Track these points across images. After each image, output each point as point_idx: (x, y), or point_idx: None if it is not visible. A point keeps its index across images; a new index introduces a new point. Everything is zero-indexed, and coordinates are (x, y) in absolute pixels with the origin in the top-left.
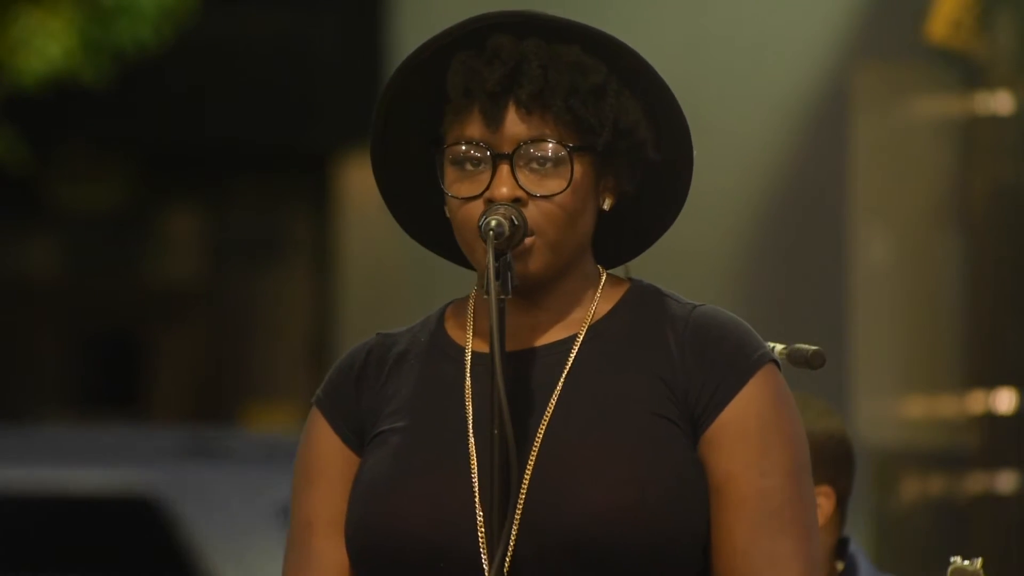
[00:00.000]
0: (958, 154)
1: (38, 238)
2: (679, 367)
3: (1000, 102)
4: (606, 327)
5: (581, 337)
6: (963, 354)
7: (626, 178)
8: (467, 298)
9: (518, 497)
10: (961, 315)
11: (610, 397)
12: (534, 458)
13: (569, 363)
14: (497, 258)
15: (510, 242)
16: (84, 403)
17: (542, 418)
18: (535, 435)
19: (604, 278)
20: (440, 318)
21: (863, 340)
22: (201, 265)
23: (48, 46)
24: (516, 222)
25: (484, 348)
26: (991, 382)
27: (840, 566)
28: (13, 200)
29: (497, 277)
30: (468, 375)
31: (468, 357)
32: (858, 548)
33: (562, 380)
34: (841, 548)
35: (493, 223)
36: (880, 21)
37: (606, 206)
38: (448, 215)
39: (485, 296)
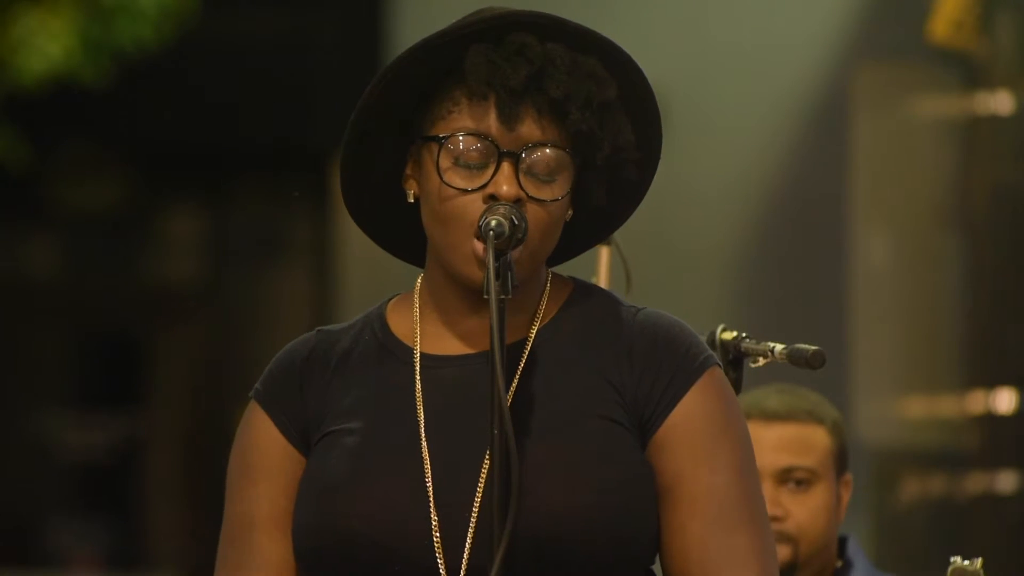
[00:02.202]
0: (958, 154)
1: (38, 238)
2: (627, 370)
3: (1000, 102)
4: (555, 329)
5: (531, 341)
6: (963, 354)
7: (600, 193)
8: (410, 294)
9: (519, 497)
10: (961, 315)
11: (561, 401)
12: (487, 464)
13: (520, 367)
14: (497, 258)
15: (509, 242)
16: (84, 403)
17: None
18: (487, 442)
19: (550, 278)
20: (383, 316)
21: (863, 340)
22: (201, 265)
23: (48, 46)
24: (516, 221)
25: (432, 349)
26: (991, 382)
27: (839, 563)
28: (13, 200)
29: (497, 277)
30: (418, 378)
31: (417, 359)
32: (857, 548)
33: (514, 384)
34: (840, 547)
35: (493, 223)
36: (880, 21)
37: (568, 215)
38: (430, 205)
39: (485, 296)
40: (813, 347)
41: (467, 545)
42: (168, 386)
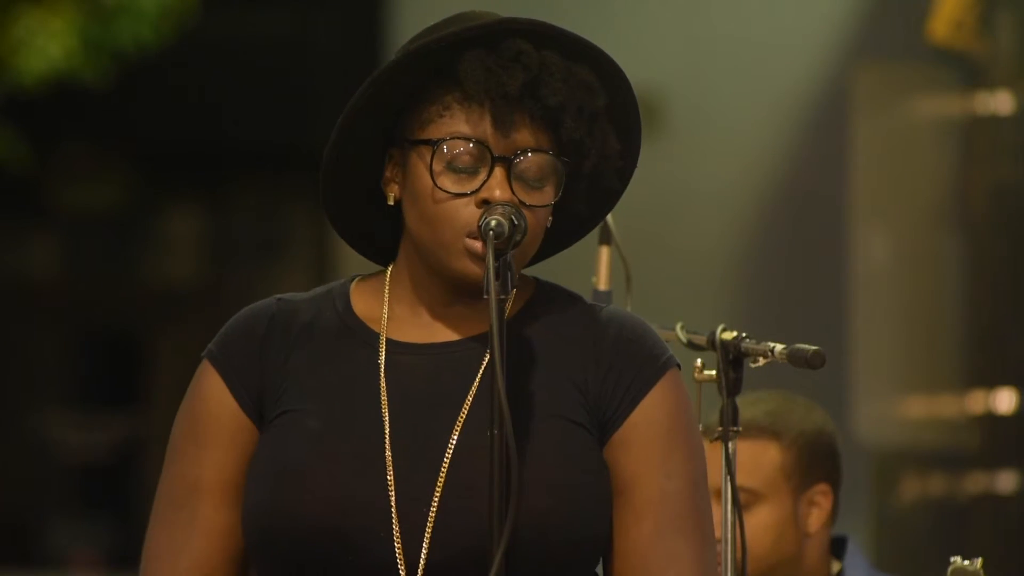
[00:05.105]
0: (958, 154)
1: (38, 238)
2: (592, 369)
3: (1000, 102)
4: (519, 325)
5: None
6: (963, 354)
7: (583, 201)
8: (376, 278)
9: (518, 498)
10: (961, 315)
11: (524, 399)
12: (449, 458)
13: (484, 360)
14: (497, 257)
15: (509, 241)
16: (84, 403)
17: (457, 416)
18: (450, 435)
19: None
20: (346, 296)
21: (863, 340)
22: (201, 265)
23: (48, 46)
24: (516, 221)
25: (400, 336)
26: (991, 382)
27: (837, 567)
28: (13, 200)
29: (497, 277)
30: (382, 363)
31: (383, 344)
32: (856, 549)
33: (477, 378)
34: (839, 548)
35: (493, 223)
36: (880, 21)
37: (548, 222)
38: (419, 207)
39: (485, 296)
40: (813, 347)
41: (426, 539)
42: (168, 386)
